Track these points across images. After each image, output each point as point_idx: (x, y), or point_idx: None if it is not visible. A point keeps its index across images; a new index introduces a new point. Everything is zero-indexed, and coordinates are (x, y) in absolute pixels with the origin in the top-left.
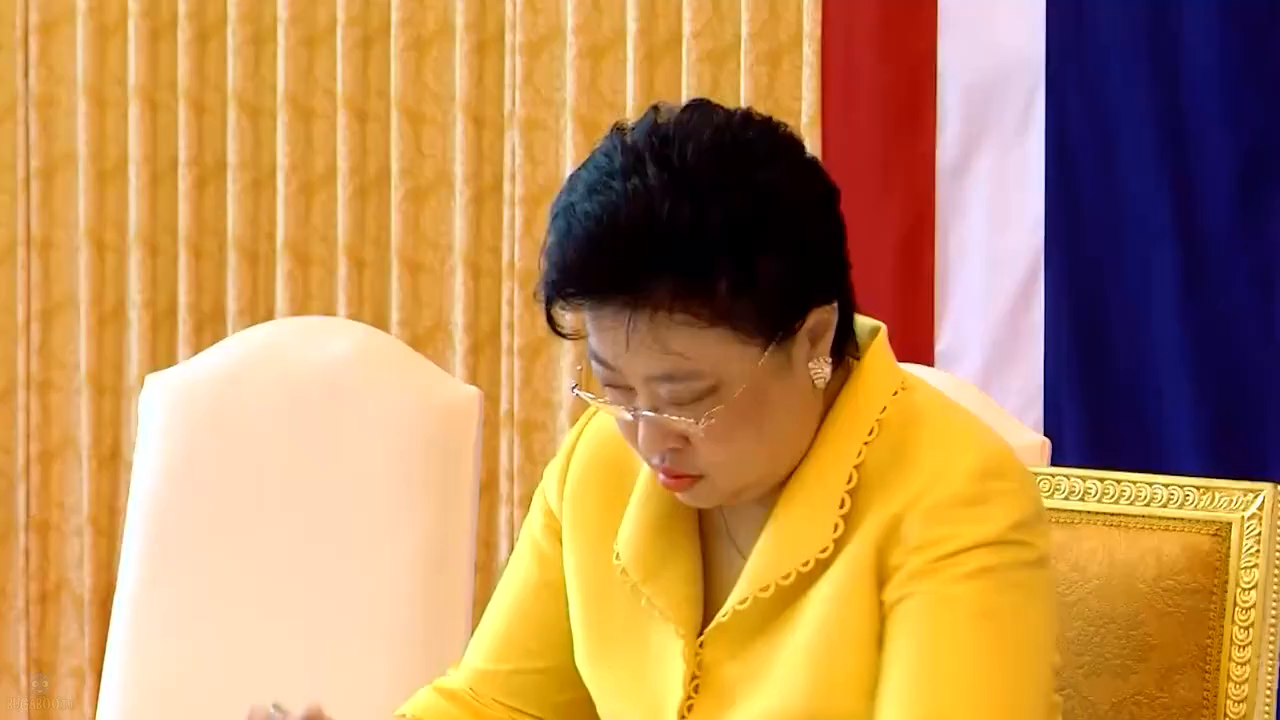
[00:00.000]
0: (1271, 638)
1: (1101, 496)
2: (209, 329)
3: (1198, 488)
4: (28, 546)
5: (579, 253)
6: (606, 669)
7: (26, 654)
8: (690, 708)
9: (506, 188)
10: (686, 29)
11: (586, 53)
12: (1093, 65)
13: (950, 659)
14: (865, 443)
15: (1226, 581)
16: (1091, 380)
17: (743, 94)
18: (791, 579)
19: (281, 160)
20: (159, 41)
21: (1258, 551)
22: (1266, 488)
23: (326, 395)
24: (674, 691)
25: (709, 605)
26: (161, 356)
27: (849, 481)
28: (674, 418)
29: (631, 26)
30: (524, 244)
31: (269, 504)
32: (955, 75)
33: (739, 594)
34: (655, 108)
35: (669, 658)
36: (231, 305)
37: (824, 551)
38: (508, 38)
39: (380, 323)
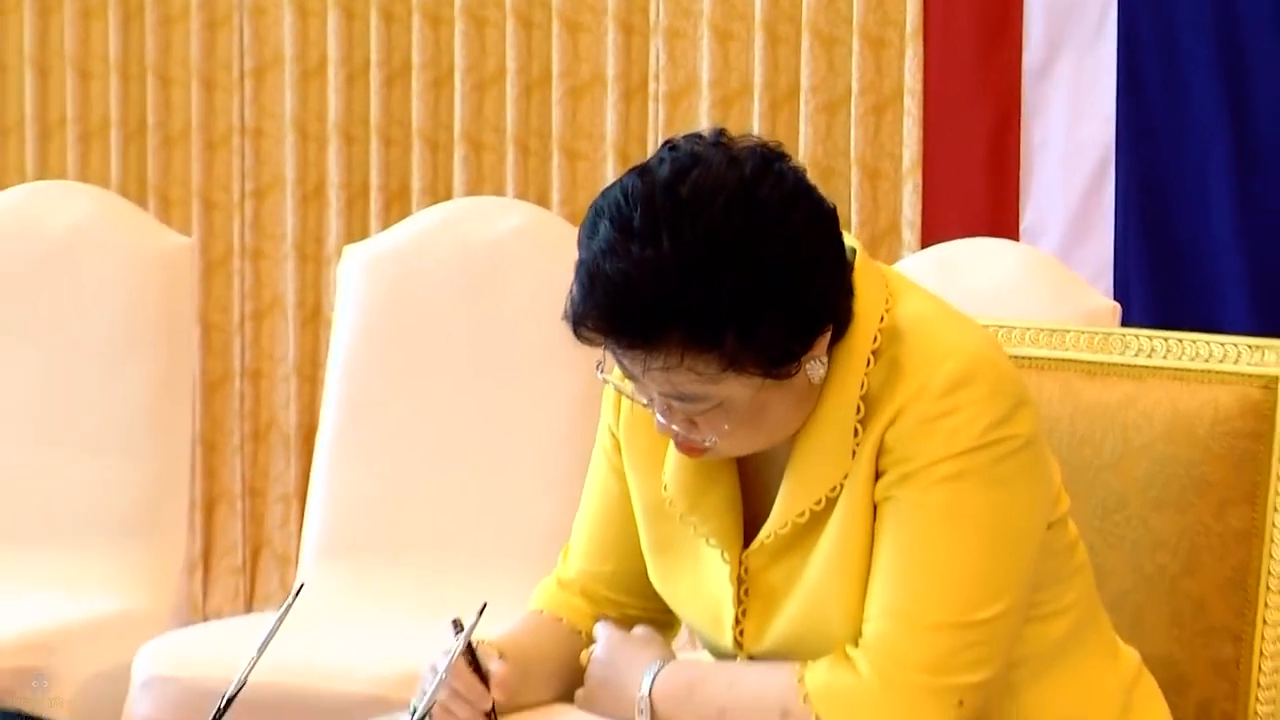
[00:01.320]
0: None
1: (1166, 354)
2: (396, 207)
3: (1250, 346)
4: (242, 391)
5: (599, 311)
6: (672, 585)
7: (242, 482)
8: (744, 612)
9: (651, 86)
10: None
11: None
12: None
13: (920, 558)
14: (866, 374)
15: (1274, 428)
16: (1156, 253)
17: (855, 5)
18: (822, 504)
19: (459, 62)
20: None
21: None
22: None
23: (498, 264)
24: (727, 601)
25: (749, 516)
26: (356, 230)
27: (858, 412)
28: (679, 429)
29: None
30: (665, 135)
31: (449, 356)
32: None
33: (776, 520)
34: (673, 148)
35: (719, 573)
36: (416, 185)
37: (846, 477)
38: None
39: (543, 202)
